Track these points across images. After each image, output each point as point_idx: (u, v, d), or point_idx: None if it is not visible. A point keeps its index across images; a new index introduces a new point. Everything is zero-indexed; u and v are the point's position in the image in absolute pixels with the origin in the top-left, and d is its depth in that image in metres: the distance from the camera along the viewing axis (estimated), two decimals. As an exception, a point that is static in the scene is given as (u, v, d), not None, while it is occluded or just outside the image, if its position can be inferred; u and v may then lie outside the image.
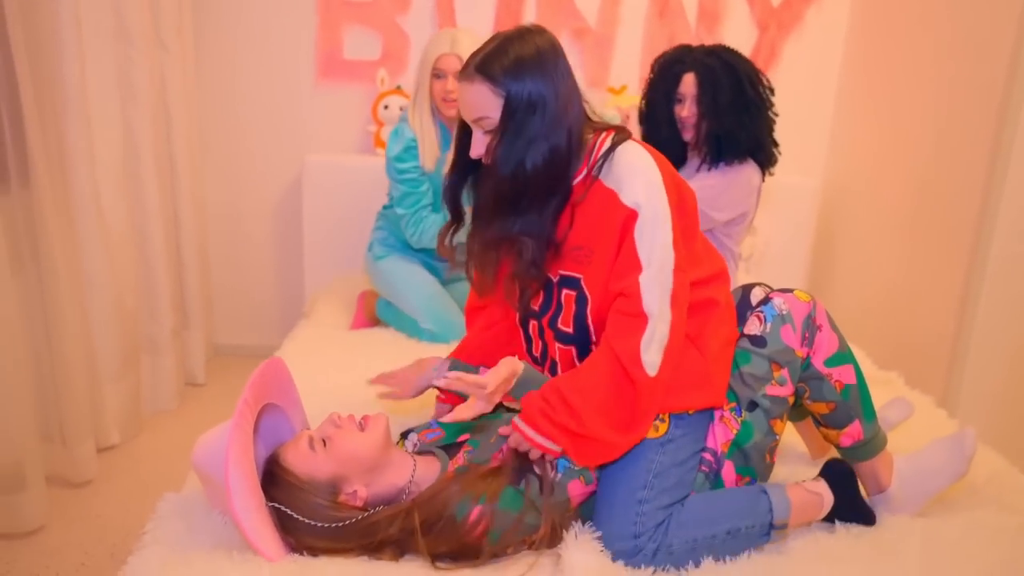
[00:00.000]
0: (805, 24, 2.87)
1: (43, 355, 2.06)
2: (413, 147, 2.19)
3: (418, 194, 2.23)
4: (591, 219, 1.29)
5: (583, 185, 1.30)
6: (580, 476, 1.28)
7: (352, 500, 1.22)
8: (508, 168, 1.26)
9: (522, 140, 1.24)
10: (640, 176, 1.26)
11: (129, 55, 2.33)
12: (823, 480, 1.36)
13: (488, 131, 1.28)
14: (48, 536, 1.92)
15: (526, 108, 1.23)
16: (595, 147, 1.31)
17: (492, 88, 1.24)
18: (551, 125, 1.25)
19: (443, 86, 2.15)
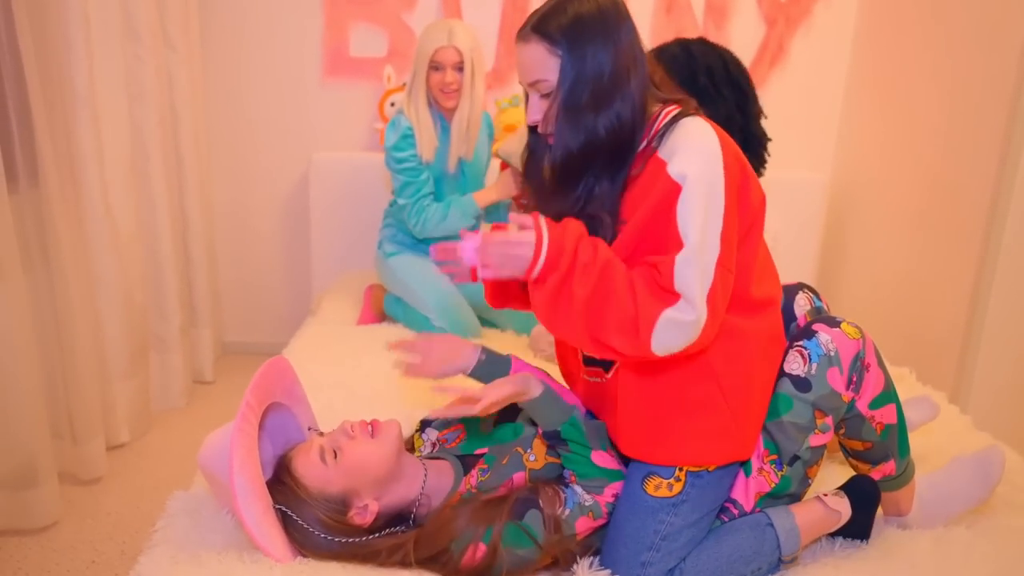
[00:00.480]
0: (813, 19, 2.85)
1: (53, 353, 2.07)
2: (410, 136, 2.19)
3: (418, 183, 2.22)
4: (636, 191, 1.18)
5: (642, 157, 1.19)
6: (589, 512, 1.23)
7: (362, 515, 1.20)
8: (567, 137, 1.16)
9: (581, 107, 1.15)
10: (696, 149, 1.13)
11: (137, 54, 2.34)
12: (846, 497, 1.30)
13: (545, 95, 1.18)
14: (59, 533, 1.93)
15: (584, 71, 1.14)
16: (658, 118, 1.20)
17: (548, 48, 1.15)
18: (612, 91, 1.15)
19: (441, 78, 2.16)
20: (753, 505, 1.28)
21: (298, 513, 1.18)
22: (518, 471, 1.27)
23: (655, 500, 1.22)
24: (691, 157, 1.13)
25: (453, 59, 2.14)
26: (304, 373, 1.88)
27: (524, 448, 1.30)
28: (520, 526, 1.18)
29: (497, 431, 1.40)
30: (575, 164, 1.18)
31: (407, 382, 1.88)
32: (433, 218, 2.23)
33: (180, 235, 2.69)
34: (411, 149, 2.19)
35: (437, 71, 2.16)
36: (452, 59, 2.14)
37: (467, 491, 1.26)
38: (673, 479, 1.23)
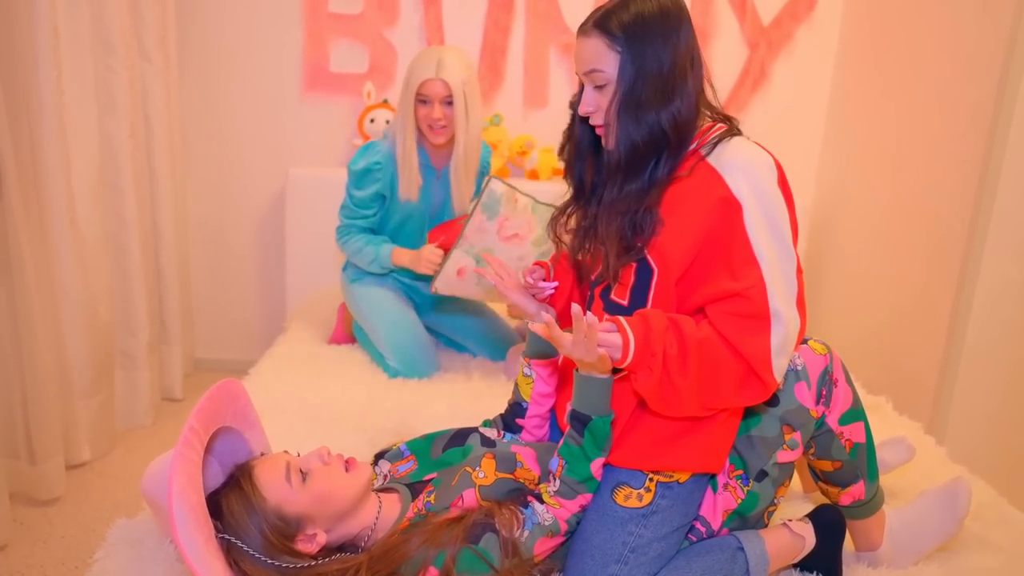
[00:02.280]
0: (795, 43, 2.84)
1: (11, 368, 2.01)
2: (375, 171, 2.06)
3: (357, 214, 2.11)
4: (678, 193, 1.20)
5: (688, 163, 1.21)
6: (548, 532, 1.20)
7: (308, 544, 1.16)
8: (632, 130, 1.18)
9: (643, 101, 1.17)
10: (756, 164, 1.17)
11: (109, 65, 2.31)
12: (811, 524, 1.29)
13: (599, 86, 1.21)
14: (8, 557, 1.87)
15: (645, 67, 1.16)
16: (709, 131, 1.23)
17: (608, 42, 1.18)
18: (672, 88, 1.17)
19: (428, 112, 1.99)
20: (721, 523, 1.27)
21: (244, 532, 1.13)
22: (467, 488, 1.24)
23: (624, 510, 1.21)
24: (753, 172, 1.16)
25: (441, 93, 1.98)
26: (268, 394, 1.86)
27: (472, 467, 1.27)
28: (475, 550, 1.15)
29: (445, 455, 1.37)
30: (639, 157, 1.20)
31: (371, 408, 1.84)
32: (351, 247, 2.14)
33: (151, 249, 2.64)
34: (370, 187, 2.07)
35: (424, 104, 2.00)
36: (440, 93, 1.98)
37: (415, 513, 1.23)
38: (643, 489, 1.21)
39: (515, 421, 1.46)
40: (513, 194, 1.97)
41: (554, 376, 1.44)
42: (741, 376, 1.14)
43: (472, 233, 1.96)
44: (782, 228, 1.17)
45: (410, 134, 2.03)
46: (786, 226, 1.17)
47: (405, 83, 2.03)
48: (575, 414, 1.19)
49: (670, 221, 1.19)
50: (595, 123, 1.25)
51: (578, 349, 1.12)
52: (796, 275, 1.18)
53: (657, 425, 1.21)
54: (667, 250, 1.19)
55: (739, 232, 1.15)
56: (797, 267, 1.19)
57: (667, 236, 1.19)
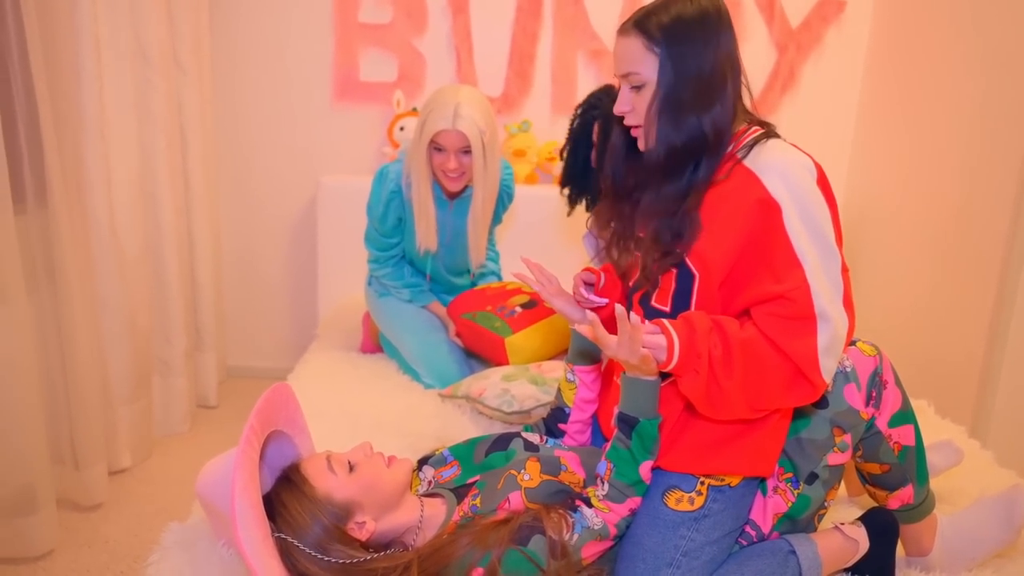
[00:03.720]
0: (825, 45, 2.83)
1: (56, 376, 2.05)
2: (392, 200, 2.01)
3: (384, 244, 2.10)
4: (716, 196, 1.19)
5: (726, 166, 1.20)
6: (597, 536, 1.19)
7: (358, 531, 1.18)
8: (670, 133, 1.18)
9: (683, 104, 1.16)
10: (794, 168, 1.15)
11: (147, 76, 2.35)
12: (863, 527, 1.28)
13: (636, 87, 1.20)
14: (55, 562, 1.90)
15: (684, 69, 1.16)
16: (744, 134, 1.22)
17: (646, 44, 1.17)
18: (711, 92, 1.17)
19: (443, 161, 1.91)
20: (771, 527, 1.26)
21: (299, 528, 1.15)
22: (513, 491, 1.24)
23: (675, 514, 1.20)
24: (790, 173, 1.15)
25: (457, 144, 1.88)
26: (308, 400, 1.86)
27: (517, 469, 1.28)
28: (523, 552, 1.15)
29: (488, 459, 1.37)
30: (677, 160, 1.19)
31: (410, 414, 1.85)
32: (396, 279, 2.14)
33: (187, 258, 2.68)
34: (391, 216, 2.04)
35: (439, 152, 1.91)
36: (456, 144, 1.88)
37: (461, 516, 1.24)
38: (695, 493, 1.21)
39: (557, 426, 1.46)
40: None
41: (597, 382, 1.44)
42: (788, 377, 1.14)
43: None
44: (823, 228, 1.16)
45: (426, 185, 1.95)
46: (827, 225, 1.17)
47: (420, 127, 1.92)
48: (622, 416, 1.19)
49: (709, 225, 1.19)
50: (630, 123, 1.25)
51: (622, 350, 1.12)
52: (841, 274, 1.17)
53: (708, 428, 1.21)
54: (707, 254, 1.18)
55: (779, 234, 1.14)
56: (842, 266, 1.18)
57: (707, 240, 1.19)
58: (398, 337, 2.16)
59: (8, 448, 1.86)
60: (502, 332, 1.99)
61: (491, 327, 2.01)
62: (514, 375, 1.84)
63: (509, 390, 1.78)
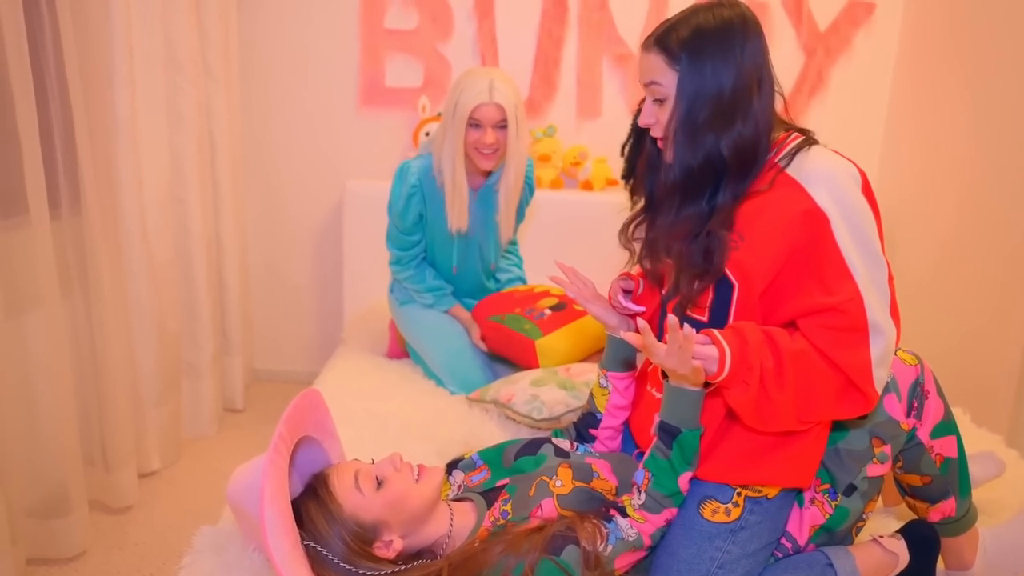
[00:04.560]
0: (854, 48, 2.80)
1: (88, 379, 2.07)
2: (415, 196, 2.03)
3: (407, 242, 2.11)
4: (758, 206, 1.16)
5: (767, 175, 1.16)
6: (631, 547, 1.17)
7: (385, 550, 1.17)
8: (687, 155, 1.14)
9: (700, 125, 1.13)
10: (841, 177, 1.12)
11: (178, 83, 2.38)
12: (903, 540, 1.25)
13: (658, 99, 1.18)
14: (86, 563, 1.92)
15: (704, 88, 1.12)
16: (785, 142, 1.18)
17: (667, 60, 1.15)
18: (732, 110, 1.12)
19: (480, 137, 1.93)
20: (807, 539, 1.24)
21: (327, 539, 1.14)
22: (546, 498, 1.23)
23: (712, 525, 1.18)
24: (837, 183, 1.12)
25: (495, 118, 1.91)
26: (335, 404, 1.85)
27: (549, 475, 1.26)
28: (556, 562, 1.13)
29: (518, 463, 1.36)
30: (694, 181, 1.16)
31: (437, 418, 1.85)
32: (417, 282, 2.14)
33: (215, 262, 2.71)
34: (412, 212, 2.05)
35: (476, 129, 1.93)
36: (494, 118, 1.91)
37: (492, 522, 1.23)
38: (731, 504, 1.19)
39: (588, 431, 1.45)
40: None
41: (630, 389, 1.43)
42: (839, 388, 1.12)
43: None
44: (870, 237, 1.14)
45: (459, 162, 1.97)
46: (874, 235, 1.15)
47: (451, 107, 1.94)
48: (664, 426, 1.18)
49: (750, 235, 1.16)
50: (655, 135, 1.23)
51: (671, 359, 1.10)
52: (888, 283, 1.16)
53: (746, 438, 1.19)
54: (747, 265, 1.16)
55: (829, 245, 1.12)
56: (888, 275, 1.17)
57: (747, 251, 1.16)
58: (421, 345, 2.16)
59: (42, 450, 1.89)
60: (532, 334, 1.98)
61: (520, 329, 2.00)
62: (543, 380, 1.83)
63: (538, 396, 1.77)
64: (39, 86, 1.83)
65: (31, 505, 1.88)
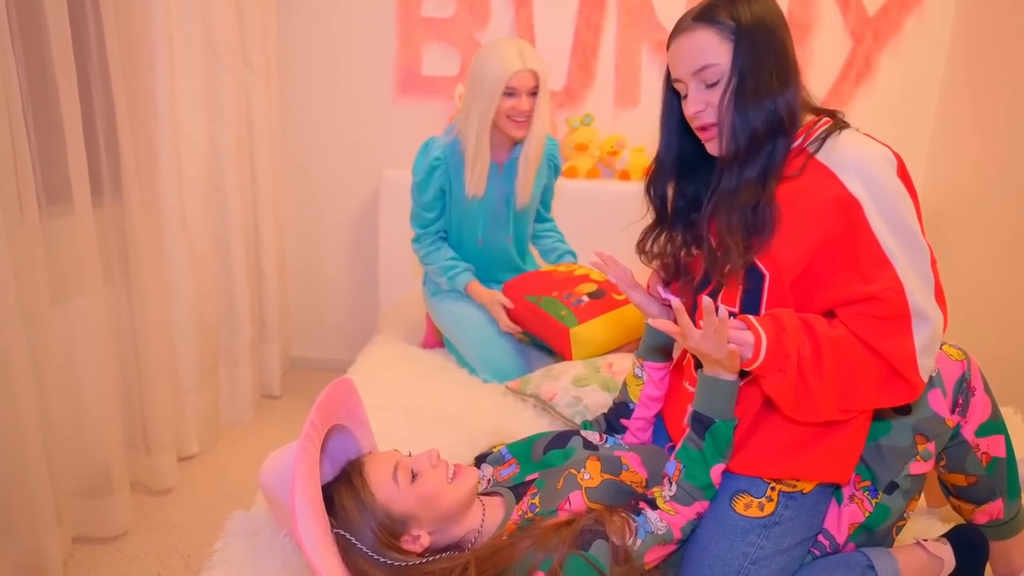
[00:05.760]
0: (904, 33, 2.70)
1: (130, 364, 2.12)
2: (437, 168, 2.06)
3: (427, 220, 2.15)
4: (788, 193, 1.13)
5: (797, 160, 1.13)
6: (661, 540, 1.15)
7: (412, 544, 1.16)
8: (749, 120, 1.12)
9: (760, 87, 1.11)
10: (873, 161, 1.09)
11: (218, 73, 2.40)
12: (949, 544, 1.21)
13: (712, 84, 1.14)
14: (128, 543, 1.96)
15: (763, 50, 1.10)
16: (814, 126, 1.16)
17: (718, 33, 1.12)
18: (786, 74, 1.12)
19: (516, 104, 1.96)
20: (846, 537, 1.20)
21: (356, 529, 1.15)
22: (574, 491, 1.21)
23: (744, 520, 1.16)
24: (870, 168, 1.09)
25: (529, 84, 1.95)
26: (368, 393, 1.87)
27: (577, 468, 1.25)
28: (585, 557, 1.12)
29: (547, 457, 1.35)
30: (758, 142, 1.13)
31: (470, 408, 1.84)
32: (431, 264, 2.17)
33: (252, 251, 2.74)
34: (433, 186, 2.09)
35: (511, 97, 1.96)
36: (528, 84, 1.95)
37: (520, 515, 1.22)
38: (764, 498, 1.16)
39: (619, 421, 1.43)
40: None
41: (665, 380, 1.40)
42: (882, 376, 1.09)
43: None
44: (908, 222, 1.10)
45: (485, 131, 1.99)
46: (912, 219, 1.11)
47: (481, 78, 1.96)
48: (697, 416, 1.15)
49: (780, 224, 1.13)
50: (704, 122, 1.17)
51: (707, 343, 1.08)
52: (931, 268, 1.12)
53: (781, 430, 1.16)
54: (778, 254, 1.13)
55: (863, 232, 1.08)
56: (931, 259, 1.12)
57: (777, 239, 1.13)
58: (453, 334, 2.17)
59: (86, 433, 1.93)
60: (567, 322, 1.95)
61: (556, 315, 1.97)
62: (585, 379, 1.80)
63: (581, 399, 1.74)
64: (82, 77, 1.87)
65: (77, 486, 1.93)
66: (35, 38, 1.71)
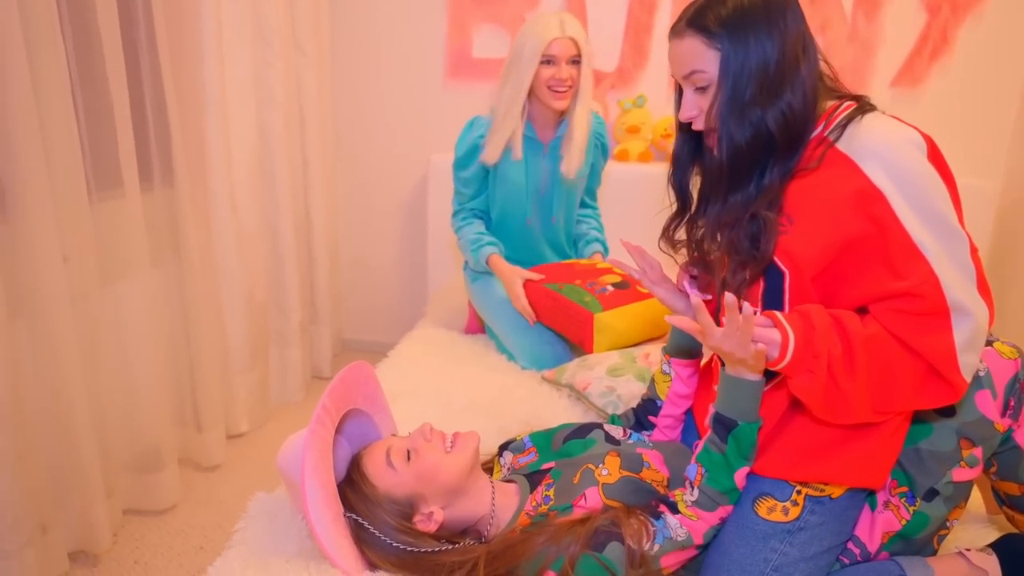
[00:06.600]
0: (986, 5, 2.51)
1: (180, 344, 2.19)
2: (480, 144, 2.05)
3: (465, 196, 2.15)
4: (807, 186, 1.07)
5: (816, 151, 1.07)
6: (680, 546, 1.11)
7: (426, 523, 1.15)
8: (735, 132, 1.06)
9: (748, 101, 1.05)
10: (897, 147, 1.01)
11: (267, 58, 2.43)
12: (995, 556, 1.13)
13: (700, 88, 1.10)
14: (175, 516, 2.03)
15: (749, 63, 1.05)
16: (835, 112, 1.09)
17: (706, 41, 1.07)
18: (780, 82, 1.05)
19: (554, 73, 1.93)
20: (879, 546, 1.13)
21: (368, 518, 1.15)
22: (590, 487, 1.17)
23: (767, 524, 1.10)
24: (893, 155, 1.01)
25: (569, 52, 1.92)
26: (404, 378, 1.89)
27: (595, 463, 1.21)
28: (598, 559, 1.08)
29: (566, 447, 1.32)
30: (743, 160, 1.08)
31: (503, 396, 1.82)
32: (461, 238, 2.17)
33: (304, 235, 2.78)
34: (474, 163, 2.08)
35: (550, 65, 1.93)
36: (568, 52, 1.92)
37: (534, 507, 1.19)
38: (789, 502, 1.10)
39: (647, 417, 1.38)
40: None
41: (694, 377, 1.34)
42: (920, 375, 1.01)
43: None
44: (941, 210, 1.01)
45: (519, 98, 1.96)
46: (946, 206, 1.02)
47: (519, 49, 1.94)
48: (719, 418, 1.10)
49: (799, 218, 1.06)
50: (699, 128, 1.13)
51: (729, 342, 1.02)
52: (970, 257, 1.03)
53: (809, 431, 1.09)
54: (796, 252, 1.06)
55: (891, 225, 1.01)
56: (970, 248, 1.03)
57: (796, 236, 1.06)
58: (492, 319, 2.15)
59: (138, 410, 2.01)
60: (592, 307, 1.90)
61: (579, 300, 1.92)
62: (621, 368, 1.76)
63: (615, 389, 1.69)
64: (132, 64, 1.92)
65: (129, 461, 2.01)
66: (84, 24, 1.76)
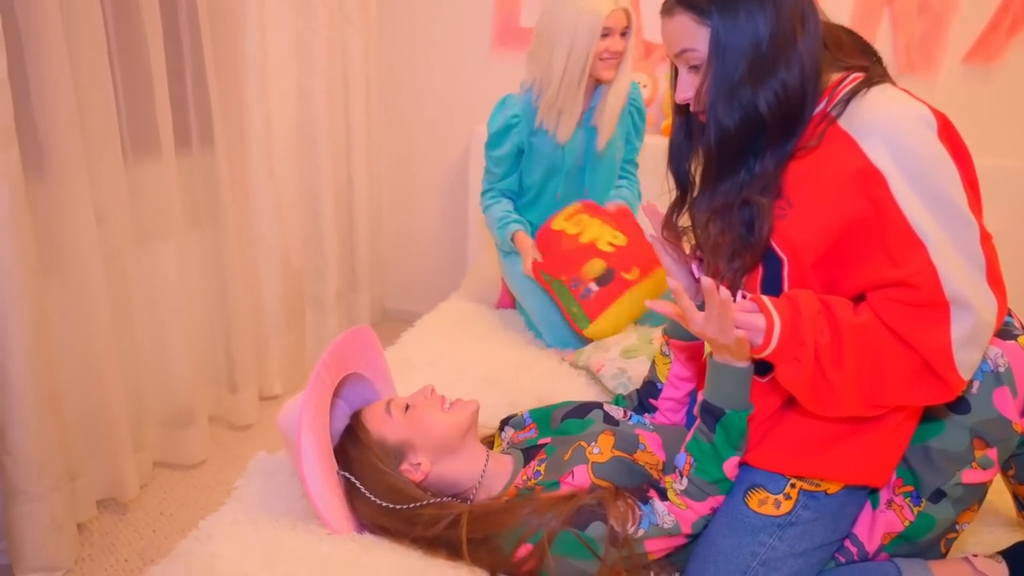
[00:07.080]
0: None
1: (215, 305, 2.24)
2: (514, 125, 2.01)
3: (495, 176, 2.10)
4: (807, 167, 1.01)
5: (816, 128, 1.01)
6: (666, 533, 1.07)
7: (413, 472, 1.16)
8: (722, 114, 1.01)
9: (737, 81, 0.99)
10: (901, 124, 0.94)
11: (310, 25, 2.44)
12: (1004, 563, 1.06)
13: (694, 67, 1.04)
14: (204, 472, 2.10)
15: (739, 40, 0.98)
16: (839, 86, 1.02)
17: (695, 18, 1.01)
18: (774, 59, 0.98)
19: (609, 45, 1.90)
20: (879, 547, 1.07)
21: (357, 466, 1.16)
22: (580, 464, 1.15)
23: (757, 517, 1.06)
24: (896, 132, 0.94)
25: (623, 23, 1.90)
26: (425, 347, 1.89)
27: (588, 441, 1.19)
28: (579, 535, 1.06)
29: (563, 425, 1.30)
30: (732, 145, 1.02)
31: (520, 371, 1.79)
32: (488, 216, 2.13)
33: (345, 202, 2.80)
34: (507, 143, 2.04)
35: (605, 38, 1.89)
36: (622, 23, 1.89)
37: (524, 481, 1.18)
38: (782, 495, 1.05)
39: (648, 400, 1.34)
40: None
41: (693, 360, 1.29)
42: (913, 370, 0.94)
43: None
44: (947, 193, 0.93)
45: (583, 77, 1.91)
46: (955, 190, 0.93)
47: (573, 21, 1.88)
48: (706, 406, 1.05)
49: (798, 201, 1.00)
50: (696, 110, 1.06)
51: (711, 327, 0.97)
52: (980, 245, 0.94)
53: (808, 424, 1.03)
54: (795, 237, 1.00)
55: (889, 209, 0.93)
56: (981, 235, 0.95)
57: (794, 220, 1.00)
58: (522, 296, 2.12)
59: (170, 368, 2.07)
60: (579, 322, 1.90)
61: (569, 309, 1.92)
62: (635, 350, 1.72)
63: (626, 371, 1.66)
64: (171, 28, 1.95)
65: (161, 417, 2.08)
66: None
